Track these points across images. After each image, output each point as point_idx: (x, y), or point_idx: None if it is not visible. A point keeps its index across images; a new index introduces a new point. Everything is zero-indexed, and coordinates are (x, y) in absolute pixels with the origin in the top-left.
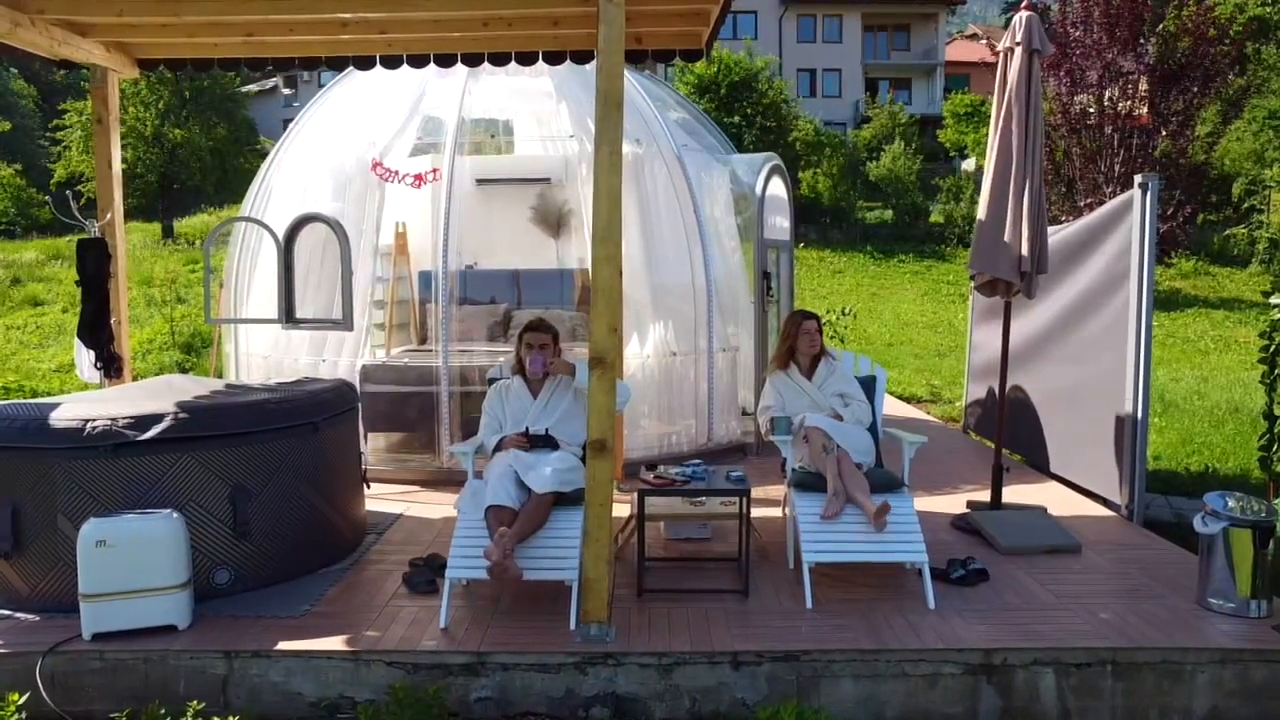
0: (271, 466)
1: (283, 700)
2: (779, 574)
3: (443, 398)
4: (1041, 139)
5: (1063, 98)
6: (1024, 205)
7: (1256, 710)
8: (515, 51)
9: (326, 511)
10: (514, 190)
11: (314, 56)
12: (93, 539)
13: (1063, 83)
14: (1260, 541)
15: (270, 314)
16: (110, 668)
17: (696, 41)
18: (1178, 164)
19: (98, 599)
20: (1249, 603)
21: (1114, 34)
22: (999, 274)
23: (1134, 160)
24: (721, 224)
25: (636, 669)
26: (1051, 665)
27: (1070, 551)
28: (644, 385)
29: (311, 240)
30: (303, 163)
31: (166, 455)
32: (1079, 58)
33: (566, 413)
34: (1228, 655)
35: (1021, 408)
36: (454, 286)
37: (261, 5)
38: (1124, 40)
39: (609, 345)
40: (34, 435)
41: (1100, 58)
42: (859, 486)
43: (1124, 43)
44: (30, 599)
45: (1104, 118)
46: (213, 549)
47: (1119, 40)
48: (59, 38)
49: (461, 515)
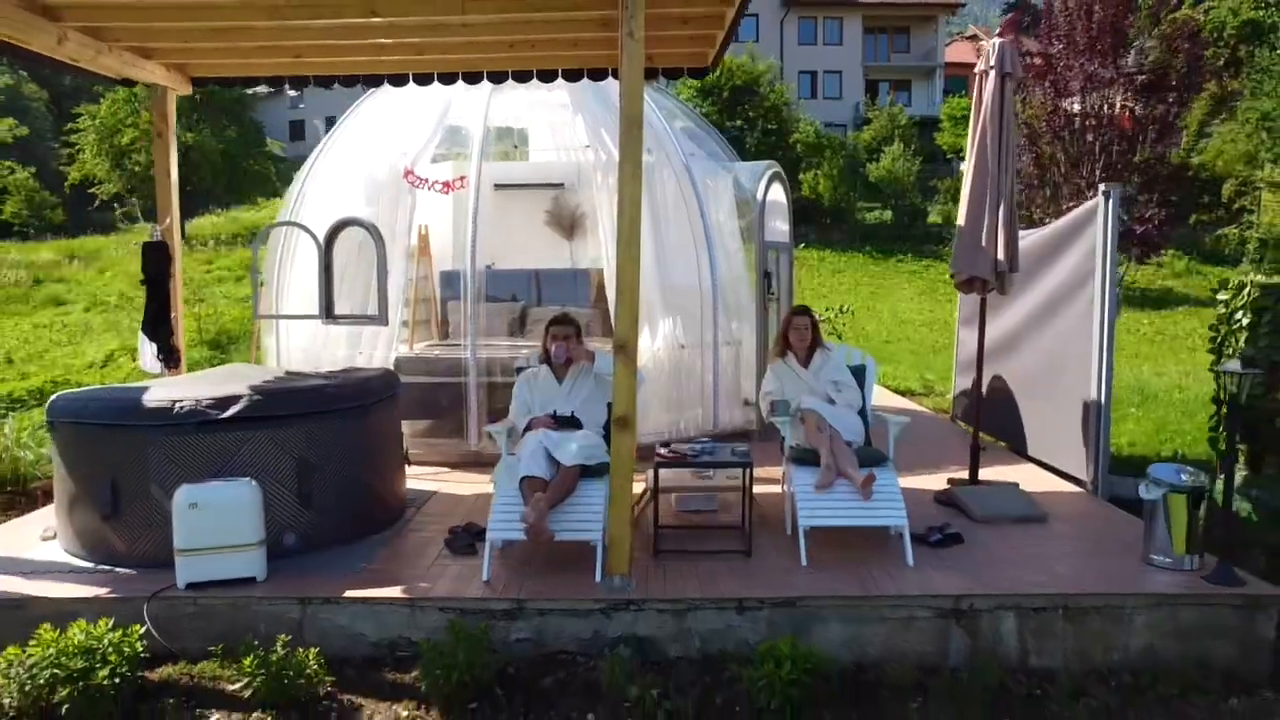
0: (329, 443)
1: (348, 641)
2: (778, 538)
3: (471, 387)
4: (1013, 153)
5: (1047, 105)
6: (999, 213)
7: (1185, 647)
8: (538, 70)
9: (375, 484)
10: (530, 194)
11: (354, 75)
12: (186, 502)
13: (1048, 93)
14: (1193, 505)
15: (310, 310)
16: (202, 612)
17: (703, 60)
18: (1156, 168)
19: (190, 554)
20: (1184, 558)
21: (1096, 48)
22: (977, 274)
23: (1114, 165)
24: (725, 227)
25: (654, 614)
26: (1012, 610)
27: (1037, 520)
28: (654, 376)
29: (348, 242)
30: (338, 171)
31: (242, 432)
32: (1063, 69)
33: (589, 397)
34: (1161, 600)
35: (1002, 396)
36: (481, 285)
37: (311, 32)
38: (1104, 52)
39: (631, 335)
40: (130, 415)
41: (1083, 70)
42: (849, 461)
43: (1104, 54)
44: (127, 556)
45: (1086, 125)
46: (281, 515)
47: (1100, 53)
48: (128, 60)
49: (498, 487)
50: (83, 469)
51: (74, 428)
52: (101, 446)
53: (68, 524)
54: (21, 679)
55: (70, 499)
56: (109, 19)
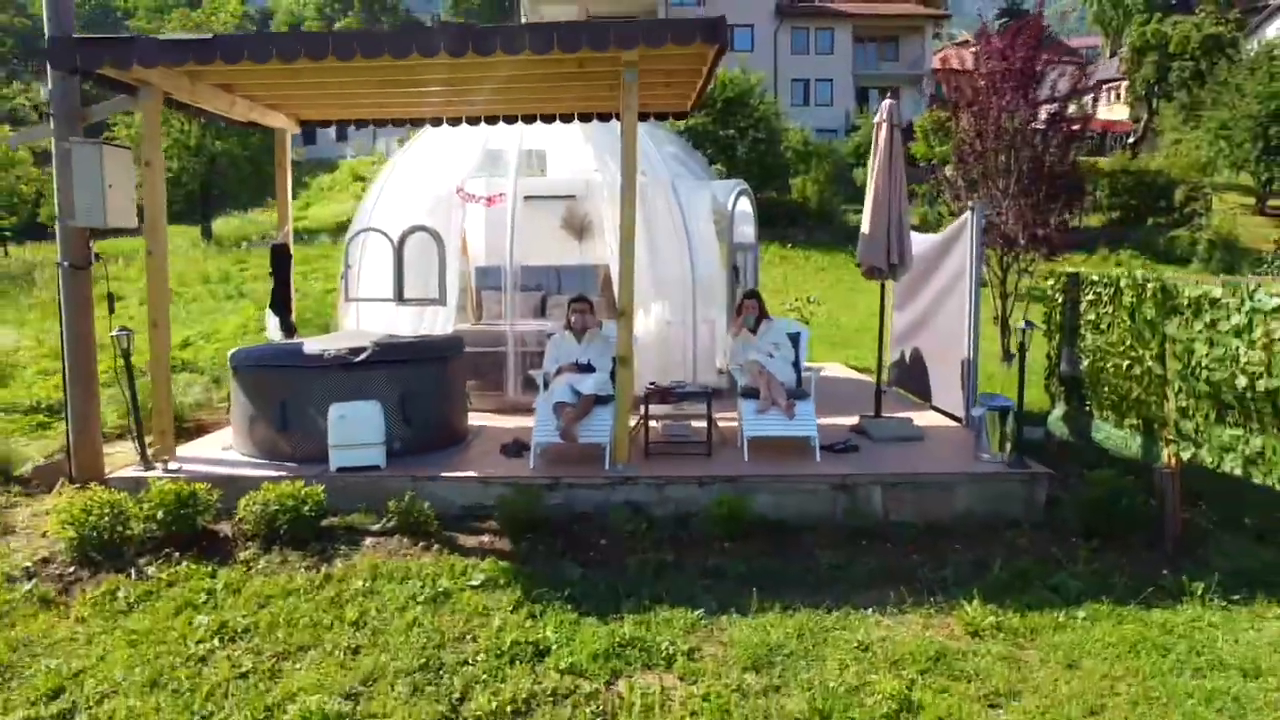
0: (421, 382)
1: (444, 506)
2: (730, 449)
3: (509, 354)
4: (902, 181)
5: (971, 130)
6: (889, 222)
7: (989, 508)
8: (560, 113)
9: (449, 413)
10: (548, 204)
11: (422, 117)
12: (337, 415)
13: (973, 121)
14: (1002, 420)
15: (385, 295)
16: (349, 486)
17: (684, 105)
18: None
19: (339, 448)
20: (998, 455)
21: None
22: (875, 264)
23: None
24: (703, 232)
25: (644, 487)
26: (879, 485)
27: (916, 439)
28: (647, 346)
29: (413, 244)
30: (404, 188)
31: (367, 371)
32: (982, 103)
33: (598, 353)
34: (975, 478)
35: (916, 360)
36: (517, 278)
37: (396, 90)
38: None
39: (629, 306)
40: (294, 359)
41: (998, 102)
42: (780, 394)
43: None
44: (291, 456)
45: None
46: (391, 429)
47: (1014, 88)
48: (263, 112)
49: (539, 410)
50: (261, 398)
51: (254, 370)
52: (275, 382)
53: (247, 438)
54: (257, 510)
55: (249, 420)
56: (263, 90)
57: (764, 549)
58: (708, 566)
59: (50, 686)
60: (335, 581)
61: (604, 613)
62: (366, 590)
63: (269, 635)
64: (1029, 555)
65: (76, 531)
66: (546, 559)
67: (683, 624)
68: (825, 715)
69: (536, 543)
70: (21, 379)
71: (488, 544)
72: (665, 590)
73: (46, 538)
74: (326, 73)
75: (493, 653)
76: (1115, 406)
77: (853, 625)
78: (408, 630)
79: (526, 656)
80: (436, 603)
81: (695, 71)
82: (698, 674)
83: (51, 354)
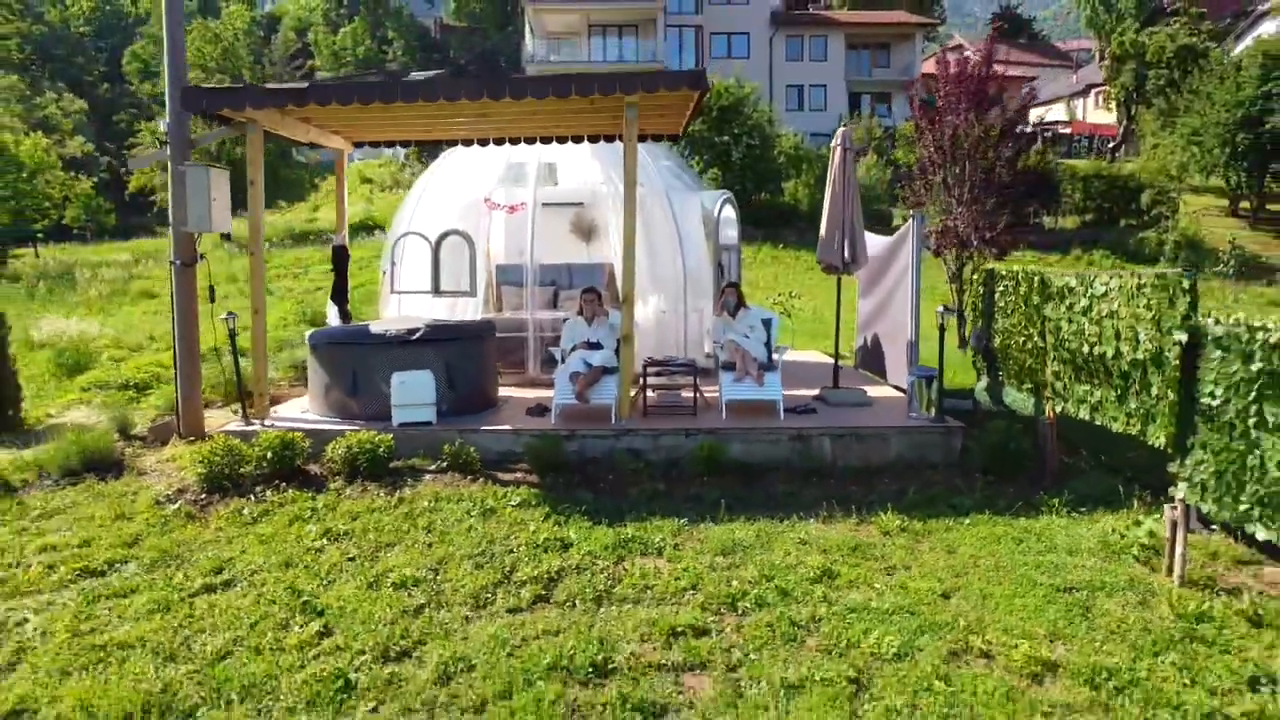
0: (463, 356)
1: (483, 452)
2: (712, 412)
3: (530, 338)
4: (856, 194)
5: (930, 145)
6: (842, 228)
7: (916, 454)
8: (572, 135)
9: (484, 384)
10: (559, 210)
11: (455, 139)
12: (399, 380)
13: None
14: (927, 385)
15: (424, 288)
16: (409, 437)
17: (676, 129)
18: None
19: (400, 407)
20: (924, 413)
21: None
22: (832, 262)
23: (976, 187)
24: (694, 234)
25: (642, 437)
26: (828, 436)
27: (866, 405)
28: (645, 330)
29: (448, 244)
30: (439, 197)
31: (420, 347)
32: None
33: (606, 333)
34: (903, 430)
35: (876, 345)
36: (537, 274)
37: (438, 121)
38: (970, 108)
39: (631, 295)
40: (362, 338)
41: (953, 121)
42: (752, 367)
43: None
44: (359, 415)
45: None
46: (440, 393)
47: (967, 109)
48: (325, 136)
49: (558, 378)
50: (334, 370)
51: (329, 347)
52: (347, 356)
53: (322, 401)
54: (342, 452)
55: (325, 387)
56: (334, 121)
57: (735, 483)
58: (690, 494)
59: (212, 566)
60: (406, 503)
61: (612, 522)
62: (431, 508)
63: (363, 536)
64: (940, 486)
65: (206, 467)
66: (566, 489)
67: (670, 529)
68: (769, 578)
69: (558, 478)
70: (100, 363)
71: (520, 479)
72: (658, 509)
73: (179, 473)
74: (385, 108)
75: (530, 545)
76: (1017, 375)
77: (797, 530)
78: (466, 532)
79: (556, 547)
80: (485, 516)
81: (684, 107)
82: (680, 558)
83: (113, 343)
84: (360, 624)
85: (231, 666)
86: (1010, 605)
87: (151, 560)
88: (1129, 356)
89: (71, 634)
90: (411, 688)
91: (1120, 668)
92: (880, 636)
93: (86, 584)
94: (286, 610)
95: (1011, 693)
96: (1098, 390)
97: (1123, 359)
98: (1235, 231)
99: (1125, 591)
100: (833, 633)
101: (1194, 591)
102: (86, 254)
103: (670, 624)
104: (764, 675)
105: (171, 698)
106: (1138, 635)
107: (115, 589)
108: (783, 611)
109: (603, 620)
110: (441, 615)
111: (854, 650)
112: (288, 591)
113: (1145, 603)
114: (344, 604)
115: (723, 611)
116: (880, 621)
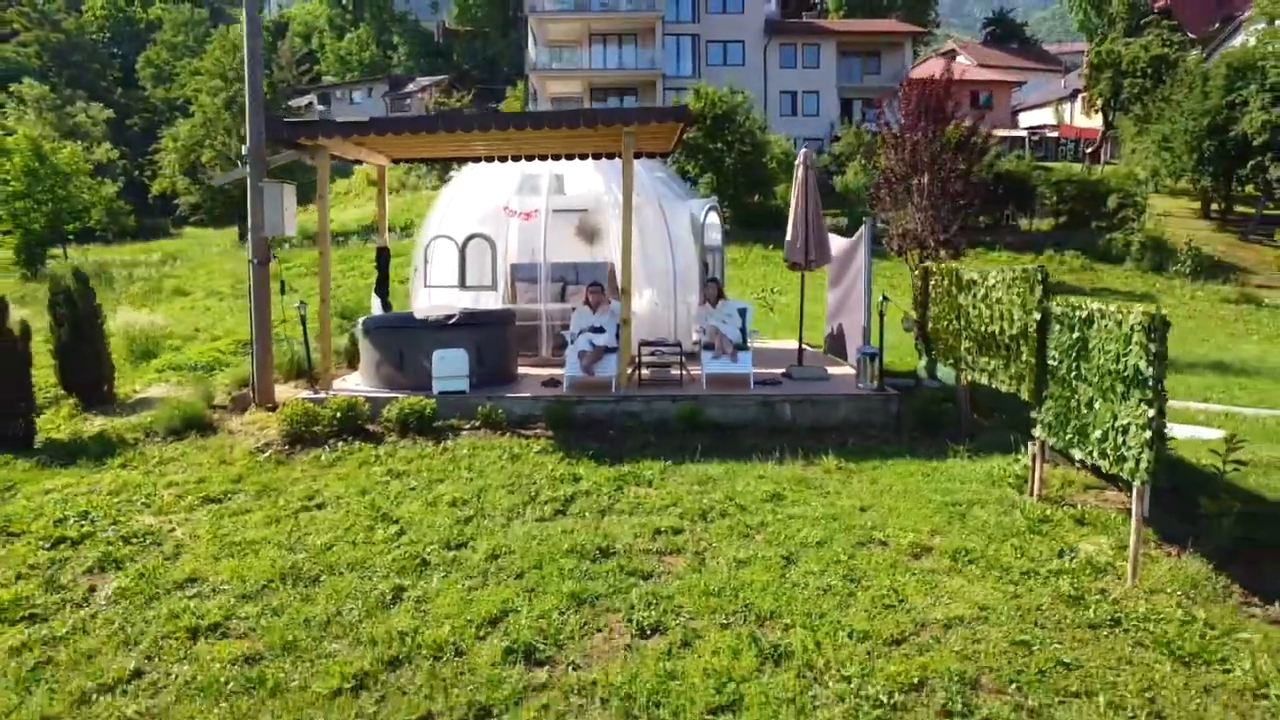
0: (489, 338)
1: (507, 415)
2: (695, 385)
3: (543, 327)
4: (817, 204)
5: (892, 161)
6: (805, 231)
7: (861, 417)
8: (578, 153)
9: (506, 362)
10: (566, 216)
11: (476, 155)
12: (439, 356)
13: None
14: (871, 360)
15: (451, 283)
16: (448, 402)
17: (666, 148)
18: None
19: (440, 379)
20: (869, 384)
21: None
22: (796, 260)
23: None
24: (682, 237)
25: (637, 402)
26: (789, 402)
27: (823, 379)
28: (640, 319)
29: (472, 246)
30: (463, 204)
31: (455, 330)
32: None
33: (608, 319)
34: (851, 397)
35: (840, 333)
36: (548, 271)
37: (465, 143)
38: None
39: (629, 289)
40: (409, 322)
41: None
42: (728, 347)
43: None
44: (405, 386)
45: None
46: (472, 368)
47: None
48: (368, 155)
49: (568, 356)
50: (385, 348)
51: (381, 330)
52: (396, 338)
53: (374, 375)
54: (395, 413)
55: (376, 364)
56: (384, 145)
57: (712, 438)
58: (675, 445)
59: (305, 494)
60: (450, 451)
61: (613, 463)
62: (470, 455)
63: (419, 474)
64: (875, 440)
65: (288, 424)
66: (576, 441)
67: (658, 468)
68: (732, 499)
69: (570, 433)
70: (163, 349)
71: (540, 433)
72: (649, 455)
73: (261, 431)
74: (429, 135)
75: (550, 478)
76: (944, 354)
77: (757, 469)
78: (499, 470)
79: (569, 480)
80: (513, 459)
81: (672, 132)
82: (665, 486)
83: (169, 334)
84: (427, 528)
85: (336, 553)
86: (908, 514)
87: (256, 491)
88: (1009, 333)
89: (212, 535)
90: (470, 564)
91: (975, 549)
92: (809, 533)
93: (210, 507)
94: (369, 520)
95: (895, 564)
96: (992, 360)
97: (1005, 335)
98: (1204, 233)
99: (994, 505)
100: (775, 532)
101: (1045, 505)
102: (112, 254)
103: (655, 526)
104: (722, 555)
105: (298, 571)
106: (994, 530)
107: (234, 509)
108: (739, 519)
109: (606, 524)
110: (486, 523)
111: (789, 541)
112: (368, 508)
113: (1007, 513)
114: (412, 516)
115: (695, 519)
116: (811, 524)
